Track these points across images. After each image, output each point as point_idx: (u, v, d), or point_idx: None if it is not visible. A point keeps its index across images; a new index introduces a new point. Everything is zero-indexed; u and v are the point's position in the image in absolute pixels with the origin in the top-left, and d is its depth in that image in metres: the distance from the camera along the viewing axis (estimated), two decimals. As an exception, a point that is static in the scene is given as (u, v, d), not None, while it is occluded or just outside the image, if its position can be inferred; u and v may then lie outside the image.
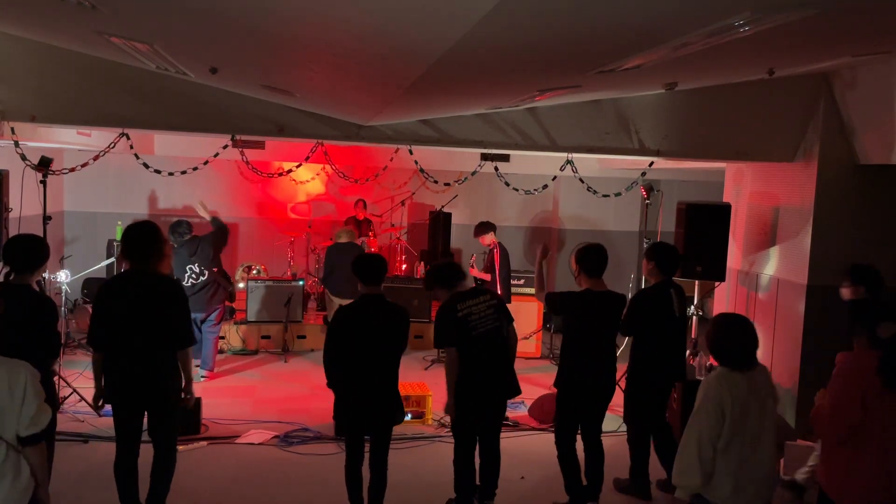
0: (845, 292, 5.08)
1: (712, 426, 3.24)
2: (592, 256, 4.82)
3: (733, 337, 3.35)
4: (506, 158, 8.22)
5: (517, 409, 6.82)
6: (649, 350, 5.07)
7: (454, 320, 4.46)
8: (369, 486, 4.42)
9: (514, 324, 4.83)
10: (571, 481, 4.84)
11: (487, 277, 8.12)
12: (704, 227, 6.51)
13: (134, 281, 4.04)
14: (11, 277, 4.05)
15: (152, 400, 4.10)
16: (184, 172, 6.71)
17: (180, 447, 5.64)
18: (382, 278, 4.41)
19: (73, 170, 6.36)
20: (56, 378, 6.41)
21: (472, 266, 8.42)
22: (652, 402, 5.12)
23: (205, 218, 7.74)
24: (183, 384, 4.22)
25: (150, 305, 3.99)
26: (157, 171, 6.48)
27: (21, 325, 3.83)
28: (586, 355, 4.77)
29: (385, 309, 4.31)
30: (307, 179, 11.28)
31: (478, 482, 4.79)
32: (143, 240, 4.07)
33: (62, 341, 6.81)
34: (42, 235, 6.10)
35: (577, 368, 4.77)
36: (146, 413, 4.14)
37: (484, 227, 8.14)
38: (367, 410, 4.32)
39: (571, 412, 4.86)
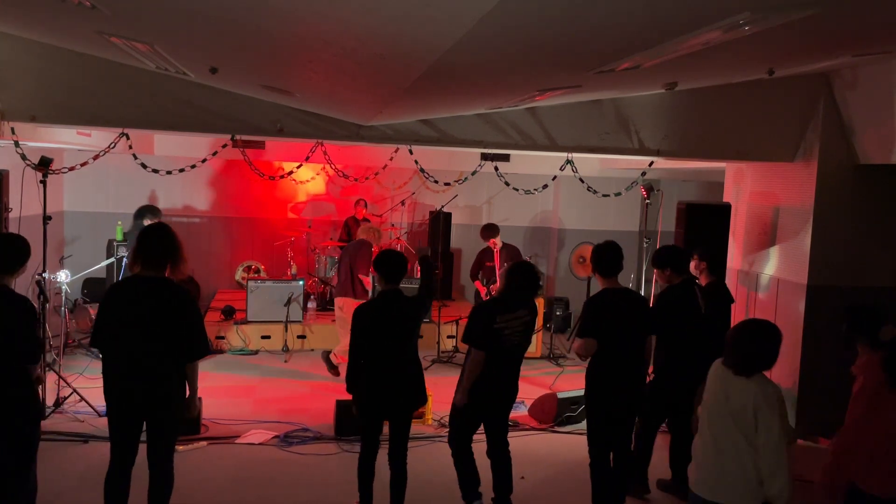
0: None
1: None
2: (608, 256, 4.64)
3: (732, 341, 3.36)
4: (506, 158, 8.23)
5: (517, 409, 6.81)
6: (677, 348, 5.05)
7: (490, 329, 4.41)
8: (391, 482, 4.54)
9: None
10: (599, 491, 4.71)
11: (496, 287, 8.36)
12: (704, 227, 6.51)
13: (145, 287, 3.85)
14: None
15: (154, 410, 3.88)
16: (182, 171, 6.72)
17: (180, 447, 5.65)
18: (402, 276, 4.55)
19: (72, 169, 6.36)
20: (57, 380, 6.45)
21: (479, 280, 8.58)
22: (675, 402, 5.03)
23: None
24: (187, 395, 4.03)
25: (160, 314, 3.80)
26: (155, 171, 6.48)
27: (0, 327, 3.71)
28: (619, 359, 4.56)
29: (402, 301, 4.50)
30: (307, 179, 11.28)
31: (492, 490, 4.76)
32: (159, 244, 3.90)
33: (65, 342, 6.83)
34: (43, 235, 6.11)
35: (610, 374, 4.56)
36: (145, 425, 3.92)
37: (495, 230, 8.54)
38: (390, 392, 4.46)
39: (605, 420, 4.66)
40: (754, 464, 3.24)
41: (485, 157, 7.01)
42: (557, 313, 10.53)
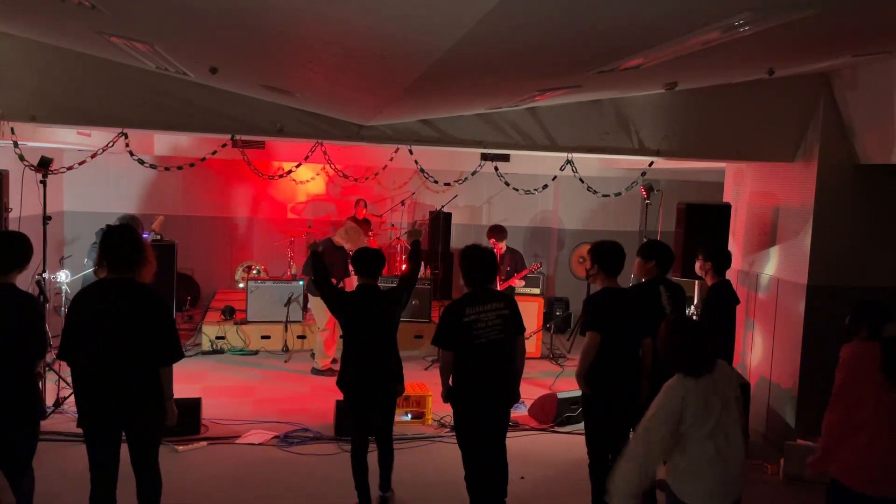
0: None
1: (664, 439, 3.21)
2: (612, 255, 4.61)
3: (686, 343, 3.31)
4: (506, 158, 8.23)
5: (517, 410, 6.82)
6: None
7: (459, 324, 4.35)
8: (379, 460, 4.83)
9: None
10: (599, 492, 4.65)
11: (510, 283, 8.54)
12: (704, 227, 6.51)
13: (114, 291, 3.71)
14: None
15: (131, 418, 3.76)
16: (180, 168, 6.72)
17: (180, 447, 5.66)
18: (377, 271, 4.77)
19: (71, 168, 6.36)
20: (58, 380, 6.45)
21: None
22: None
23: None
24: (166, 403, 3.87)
25: (131, 317, 3.68)
26: (153, 167, 6.47)
27: (5, 325, 3.71)
28: (617, 358, 4.53)
29: (377, 297, 4.71)
30: (307, 179, 11.29)
31: None
32: (124, 246, 3.75)
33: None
34: (43, 235, 6.12)
35: (609, 373, 4.54)
36: (125, 434, 3.81)
37: (502, 233, 8.57)
38: (369, 386, 4.70)
39: (603, 419, 4.63)
40: (738, 455, 3.31)
41: (485, 157, 7.00)
42: (557, 313, 10.53)
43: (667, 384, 3.32)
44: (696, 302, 7.02)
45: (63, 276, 6.88)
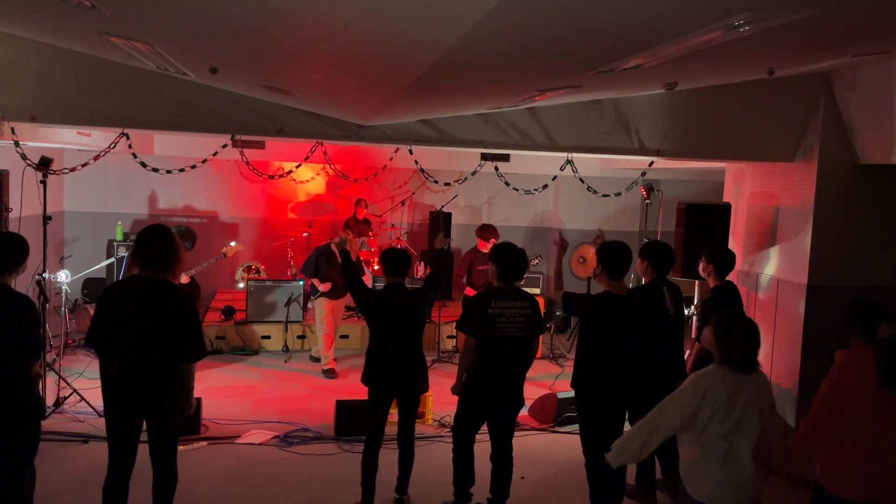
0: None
1: (675, 420, 3.31)
2: (616, 256, 4.54)
3: (741, 339, 3.33)
4: (506, 158, 8.23)
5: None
6: (646, 350, 5.02)
7: (484, 315, 4.46)
8: (399, 460, 4.82)
9: None
10: (597, 491, 4.70)
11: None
12: (704, 227, 6.51)
13: (143, 288, 3.85)
14: None
15: (153, 410, 3.89)
16: (182, 170, 6.72)
17: (180, 447, 5.65)
18: (405, 271, 4.81)
19: (73, 169, 6.36)
20: (58, 380, 6.45)
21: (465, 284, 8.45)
22: (653, 403, 5.05)
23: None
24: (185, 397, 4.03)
25: (157, 314, 3.80)
26: (155, 170, 6.48)
27: (0, 325, 3.73)
28: (615, 360, 4.53)
29: (403, 295, 4.76)
30: (307, 179, 11.29)
31: (489, 491, 4.77)
32: (158, 246, 3.89)
33: (65, 342, 6.83)
34: (43, 235, 6.11)
35: (604, 375, 4.54)
36: (146, 426, 3.93)
37: (495, 231, 8.31)
38: (396, 373, 4.74)
39: (598, 420, 4.63)
40: (751, 459, 3.31)
41: (485, 157, 7.01)
42: (557, 313, 10.52)
43: (698, 373, 3.38)
44: (695, 302, 7.01)
45: (63, 276, 6.87)
